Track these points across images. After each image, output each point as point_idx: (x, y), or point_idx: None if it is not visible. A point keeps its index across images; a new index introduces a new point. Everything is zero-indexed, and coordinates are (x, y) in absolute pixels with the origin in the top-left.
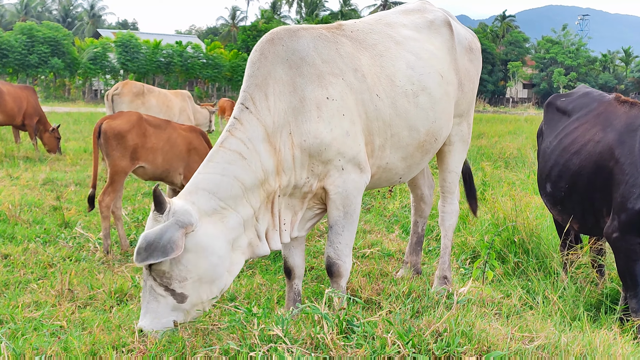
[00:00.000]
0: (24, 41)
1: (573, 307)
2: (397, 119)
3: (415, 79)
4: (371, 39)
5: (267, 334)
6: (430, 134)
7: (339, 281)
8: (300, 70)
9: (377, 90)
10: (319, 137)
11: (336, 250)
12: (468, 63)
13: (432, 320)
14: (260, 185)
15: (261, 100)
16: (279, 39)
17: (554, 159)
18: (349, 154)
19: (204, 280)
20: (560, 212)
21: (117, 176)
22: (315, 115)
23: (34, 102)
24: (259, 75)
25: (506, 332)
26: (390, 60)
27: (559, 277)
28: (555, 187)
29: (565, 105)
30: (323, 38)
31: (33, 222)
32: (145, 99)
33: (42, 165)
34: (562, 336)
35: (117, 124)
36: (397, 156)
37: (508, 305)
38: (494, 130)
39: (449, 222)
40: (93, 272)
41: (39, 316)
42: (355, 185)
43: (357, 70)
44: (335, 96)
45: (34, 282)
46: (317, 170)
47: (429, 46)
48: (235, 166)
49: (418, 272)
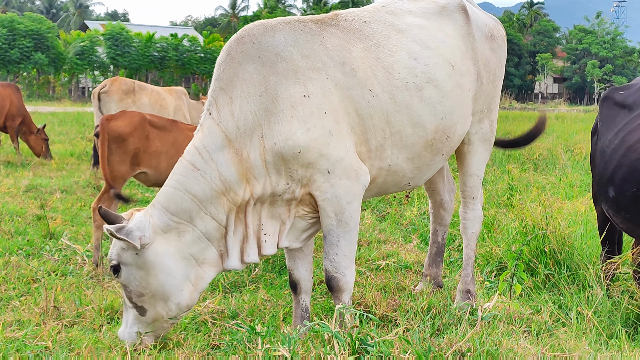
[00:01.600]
0: (4, 34)
1: (609, 323)
2: (398, 115)
3: (419, 71)
4: (368, 29)
5: (273, 355)
6: (439, 131)
7: (340, 296)
8: (275, 67)
9: (370, 85)
10: (291, 138)
11: (333, 263)
12: (489, 52)
13: (454, 339)
14: (221, 195)
15: (224, 104)
16: (249, 37)
17: (617, 159)
18: (333, 156)
19: (157, 297)
20: (625, 220)
21: (115, 182)
22: (289, 115)
23: (18, 102)
24: (224, 77)
25: (536, 351)
26: (388, 51)
27: (594, 290)
28: (620, 191)
29: (624, 98)
30: (306, 31)
31: (15, 233)
32: (136, 97)
33: (24, 170)
34: (598, 355)
35: (117, 125)
36: (401, 157)
37: (538, 321)
38: (521, 129)
39: (472, 230)
40: (81, 287)
41: (21, 336)
42: (348, 189)
43: (346, 63)
44: (316, 93)
45: (16, 299)
46: (297, 176)
47: (438, 33)
48: (187, 178)
49: (439, 286)
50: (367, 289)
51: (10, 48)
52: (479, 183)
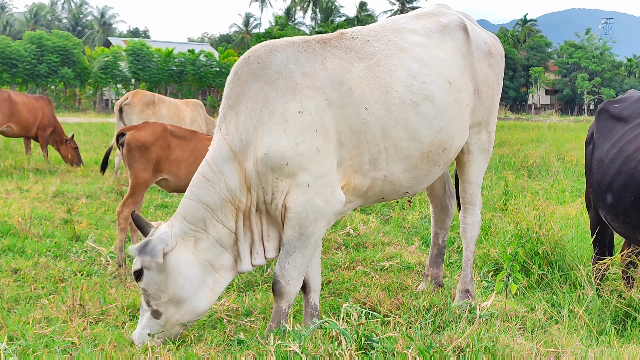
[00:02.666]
0: (33, 50)
1: (599, 320)
2: (394, 131)
3: (417, 88)
4: (370, 48)
5: (284, 350)
6: (435, 144)
7: (279, 301)
8: (276, 84)
9: (366, 103)
10: (280, 150)
11: (282, 269)
12: (487, 68)
13: (454, 335)
14: (229, 203)
15: (231, 120)
16: (255, 57)
17: (616, 168)
18: (316, 172)
19: (174, 300)
20: (623, 225)
21: (138, 188)
22: (282, 129)
23: (50, 113)
24: (232, 95)
25: (531, 347)
26: (387, 70)
27: (585, 290)
28: (618, 198)
29: (620, 111)
30: (309, 51)
31: (43, 236)
32: (156, 108)
33: (52, 177)
34: (589, 351)
35: (141, 135)
36: (397, 168)
37: (532, 319)
38: (516, 138)
39: (471, 234)
40: (105, 286)
41: (50, 332)
42: (317, 209)
43: (343, 83)
44: (310, 110)
45: (45, 298)
46: (280, 187)
47: (437, 52)
48: (199, 189)
49: (439, 285)
50: (372, 289)
51: (39, 63)
52: (478, 190)
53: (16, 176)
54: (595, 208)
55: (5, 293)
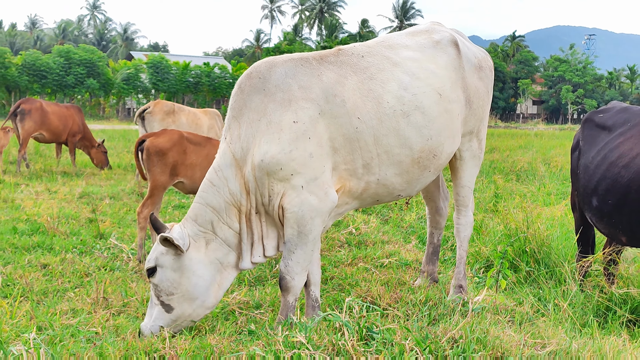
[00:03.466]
0: (61, 63)
1: (582, 314)
2: (386, 138)
3: (407, 99)
4: (365, 62)
5: (291, 341)
6: (426, 150)
7: (286, 296)
8: (274, 96)
9: (359, 114)
10: (275, 156)
11: (287, 266)
12: (477, 81)
13: (448, 327)
14: (232, 206)
15: (235, 129)
16: (256, 72)
17: (600, 173)
18: (309, 175)
19: (186, 297)
20: (607, 226)
21: (157, 190)
22: (277, 137)
23: (80, 121)
24: (236, 107)
25: (519, 338)
26: (380, 82)
27: (569, 285)
28: (602, 201)
29: (604, 121)
30: (306, 66)
31: (70, 234)
32: (176, 117)
33: (78, 179)
34: (573, 342)
35: (159, 141)
36: (390, 172)
37: (520, 312)
38: (505, 144)
39: (464, 234)
40: (126, 281)
41: (75, 323)
42: (313, 208)
43: (337, 95)
44: (304, 120)
45: (71, 291)
46: (276, 190)
47: (429, 65)
48: (207, 193)
49: (435, 281)
50: (373, 284)
51: (66, 74)
52: (470, 193)
53: (45, 178)
54: (580, 210)
55: (35, 286)
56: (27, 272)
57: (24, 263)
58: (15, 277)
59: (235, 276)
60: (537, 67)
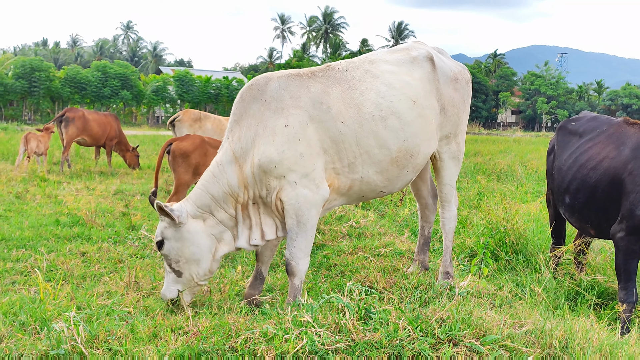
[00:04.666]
0: (99, 77)
1: (554, 298)
2: (366, 140)
3: (384, 106)
4: (348, 75)
5: (299, 320)
6: (402, 150)
7: (293, 279)
8: (269, 105)
9: (342, 118)
10: (270, 156)
11: (290, 253)
12: (452, 91)
13: (437, 309)
14: (229, 196)
15: (236, 131)
16: (255, 85)
17: (572, 174)
18: (301, 171)
19: (190, 261)
20: (578, 220)
21: (181, 187)
22: (271, 140)
23: (117, 127)
24: (238, 113)
25: (499, 319)
26: (360, 92)
27: (544, 273)
28: (573, 198)
29: (576, 128)
30: (297, 79)
31: (106, 226)
32: (202, 123)
33: (113, 178)
34: (546, 323)
35: (183, 145)
36: (371, 170)
37: (500, 296)
38: (487, 149)
39: (449, 226)
40: (155, 267)
41: (110, 304)
42: (307, 199)
43: (323, 103)
44: (294, 124)
45: (107, 275)
46: (273, 185)
47: (405, 77)
48: (208, 182)
49: (426, 269)
50: (371, 270)
51: (103, 87)
52: (452, 190)
53: (84, 177)
54: (554, 206)
55: (75, 272)
56: (68, 259)
57: (65, 251)
58: (57, 263)
59: (227, 252)
60: (515, 81)
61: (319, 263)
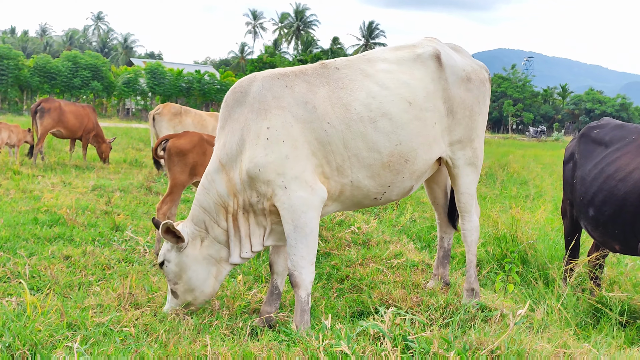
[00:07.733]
0: (69, 67)
1: (574, 315)
2: (354, 142)
3: (374, 107)
4: (339, 74)
5: (332, 351)
6: (396, 154)
7: (298, 291)
8: (252, 107)
9: (328, 119)
10: (253, 160)
11: (292, 262)
12: (464, 92)
13: (485, 339)
14: (221, 207)
15: (221, 138)
16: (239, 87)
17: (597, 185)
18: (289, 174)
19: (186, 287)
20: (602, 234)
21: (176, 188)
22: (255, 143)
23: (94, 119)
24: (222, 118)
25: (550, 350)
26: (349, 92)
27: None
28: (598, 211)
29: (601, 136)
30: (282, 79)
31: (88, 225)
32: (182, 118)
33: (89, 172)
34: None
35: (180, 142)
36: (362, 174)
37: (533, 317)
38: None
39: (471, 238)
40: (148, 274)
41: (107, 322)
42: (303, 201)
43: (308, 103)
44: (277, 126)
45: (96, 284)
46: (262, 190)
47: (402, 76)
48: (200, 195)
49: (447, 284)
50: (391, 286)
51: (73, 77)
52: (471, 199)
53: (59, 171)
54: (570, 217)
55: (60, 279)
56: (52, 264)
57: (47, 254)
58: (40, 269)
59: (230, 269)
60: None
61: (328, 274)
